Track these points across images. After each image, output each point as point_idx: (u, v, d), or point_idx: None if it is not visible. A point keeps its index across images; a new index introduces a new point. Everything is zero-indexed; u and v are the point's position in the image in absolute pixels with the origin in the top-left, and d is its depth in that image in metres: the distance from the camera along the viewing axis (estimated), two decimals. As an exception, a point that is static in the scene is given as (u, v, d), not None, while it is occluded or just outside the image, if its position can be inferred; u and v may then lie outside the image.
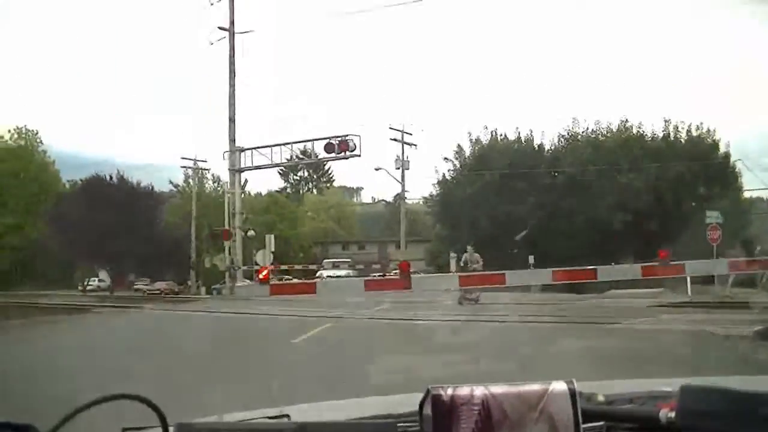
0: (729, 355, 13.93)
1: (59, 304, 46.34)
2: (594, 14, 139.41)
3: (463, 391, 1.72)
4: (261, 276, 9.73)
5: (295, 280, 15.11)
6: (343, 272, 62.52)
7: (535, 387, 1.76)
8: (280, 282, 13.09)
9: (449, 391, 1.71)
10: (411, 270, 9.42)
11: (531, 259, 55.33)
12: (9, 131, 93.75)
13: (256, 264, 59.31)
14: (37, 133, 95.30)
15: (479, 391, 1.73)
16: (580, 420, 1.73)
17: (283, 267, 69.57)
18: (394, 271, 74.62)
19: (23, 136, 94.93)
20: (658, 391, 2.30)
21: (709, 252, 39.51)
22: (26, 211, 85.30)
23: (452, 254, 68.41)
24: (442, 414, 1.69)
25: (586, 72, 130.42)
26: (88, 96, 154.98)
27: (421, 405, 1.78)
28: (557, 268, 11.74)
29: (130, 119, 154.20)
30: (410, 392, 2.44)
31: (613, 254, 52.89)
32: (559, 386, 1.76)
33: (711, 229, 40.97)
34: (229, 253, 52.52)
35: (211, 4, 53.07)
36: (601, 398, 2.08)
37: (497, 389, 1.74)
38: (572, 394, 1.74)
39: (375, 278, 11.59)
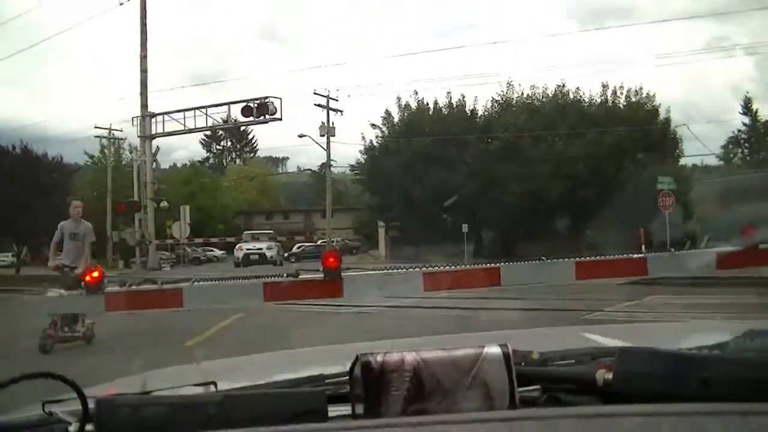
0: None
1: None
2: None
3: (394, 357, 1.67)
4: (87, 279, 6.67)
5: (151, 286, 11.38)
6: (263, 245, 59.74)
7: (468, 351, 1.69)
8: (122, 290, 9.65)
9: (379, 358, 1.66)
10: (341, 265, 6.82)
11: (464, 227, 53.08)
12: None
13: (172, 238, 56.48)
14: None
15: (410, 356, 1.67)
16: (516, 385, 1.67)
17: (199, 240, 66.96)
18: (321, 240, 73.62)
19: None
20: (596, 348, 2.32)
21: (657, 219, 37.47)
22: None
23: (380, 223, 66.41)
24: (373, 380, 1.64)
25: (522, 32, 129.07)
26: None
27: (351, 371, 1.74)
28: (582, 259, 8.70)
29: (45, 87, 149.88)
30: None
31: (548, 223, 50.79)
32: (493, 349, 1.70)
33: (663, 196, 38.63)
34: (140, 227, 49.66)
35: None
36: (536, 356, 2.05)
37: (428, 354, 1.68)
38: (506, 357, 1.69)
39: (281, 280, 8.86)
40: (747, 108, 69.47)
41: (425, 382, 1.63)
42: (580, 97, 60.66)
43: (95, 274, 7.65)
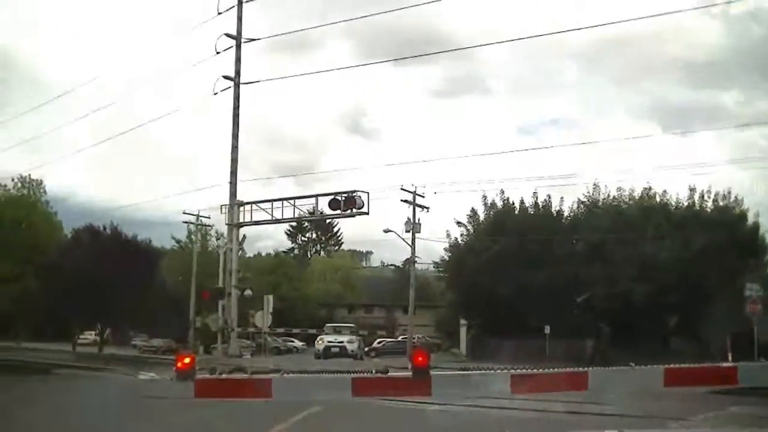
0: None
1: (25, 361, 43.73)
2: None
3: None
4: (178, 365, 6.69)
5: (241, 375, 11.36)
6: (345, 338, 59.59)
7: None
8: (212, 378, 9.63)
9: None
10: (430, 363, 6.86)
11: (546, 329, 52.73)
12: (12, 180, 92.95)
13: (254, 326, 56.71)
14: (41, 183, 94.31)
15: None
16: None
17: (280, 330, 67.16)
18: (402, 337, 73.46)
19: (26, 185, 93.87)
20: None
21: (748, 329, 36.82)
22: (27, 261, 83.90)
23: (462, 321, 66.10)
24: None
25: (609, 137, 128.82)
26: (95, 150, 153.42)
27: None
28: (671, 366, 8.66)
29: (139, 174, 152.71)
30: None
31: (633, 328, 50.07)
32: None
33: (751, 302, 38.07)
34: (223, 313, 49.93)
35: (217, 53, 50.65)
36: None
37: None
38: None
39: (369, 376, 8.77)
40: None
41: None
42: (667, 199, 60.29)
43: (187, 360, 7.79)
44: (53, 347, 60.74)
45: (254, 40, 51.16)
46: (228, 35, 50.57)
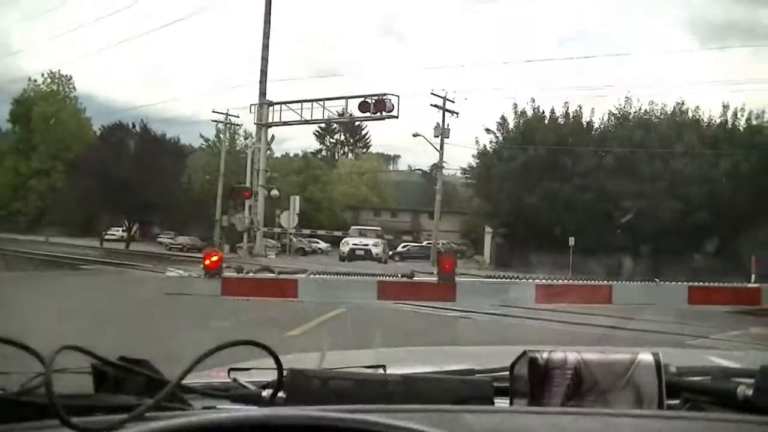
0: None
1: (51, 255, 44.08)
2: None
3: (558, 355, 1.80)
4: (206, 263, 6.78)
5: (267, 274, 11.25)
6: (370, 241, 59.63)
7: (624, 356, 1.82)
8: (239, 276, 9.63)
9: (545, 355, 1.79)
10: (456, 269, 6.86)
11: (571, 240, 52.72)
12: (42, 75, 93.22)
13: (280, 226, 56.98)
14: (70, 79, 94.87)
15: (572, 356, 1.80)
16: (664, 392, 1.80)
17: (306, 231, 67.43)
18: (427, 242, 73.68)
19: (56, 80, 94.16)
20: (733, 368, 2.41)
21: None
22: (54, 157, 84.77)
23: (488, 229, 66.17)
24: (538, 375, 1.77)
25: (643, 48, 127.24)
26: (122, 45, 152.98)
27: (513, 365, 1.89)
28: (696, 284, 8.69)
29: (166, 69, 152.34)
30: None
31: (657, 243, 50.02)
32: (646, 357, 1.82)
33: (780, 223, 37.79)
34: (249, 213, 50.20)
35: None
36: (673, 369, 2.11)
37: (589, 356, 1.82)
38: (658, 365, 1.81)
39: (395, 280, 8.73)
40: None
41: (584, 380, 1.78)
42: (699, 116, 59.82)
43: (214, 258, 7.85)
44: (81, 243, 61.18)
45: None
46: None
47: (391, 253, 66.71)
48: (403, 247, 74.53)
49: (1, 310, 15.87)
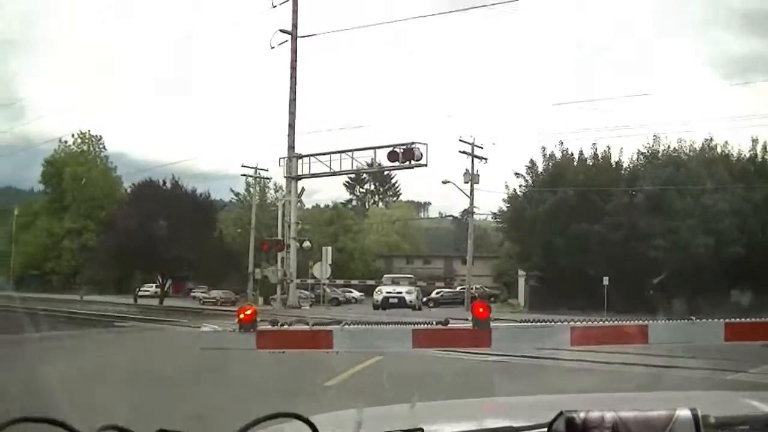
0: None
1: (86, 313, 44.22)
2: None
3: (595, 415, 1.78)
4: (241, 317, 6.86)
5: (302, 326, 11.27)
6: (403, 289, 59.56)
7: (661, 413, 1.80)
8: (274, 329, 9.68)
9: (582, 415, 1.78)
10: (490, 315, 6.89)
11: (605, 280, 52.53)
12: (72, 135, 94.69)
13: (313, 277, 57.09)
14: (100, 139, 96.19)
15: (609, 415, 1.77)
16: None
17: (339, 281, 67.52)
18: (460, 287, 73.59)
19: (86, 140, 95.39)
20: None
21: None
22: (86, 216, 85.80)
23: (520, 272, 66.07)
24: None
25: (669, 87, 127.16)
26: (153, 104, 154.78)
27: (550, 426, 1.86)
28: (732, 320, 8.69)
29: (196, 125, 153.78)
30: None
31: (692, 279, 49.76)
32: (684, 413, 1.80)
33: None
34: (282, 265, 50.36)
35: (274, 7, 50.81)
36: (712, 420, 2.00)
37: (627, 415, 1.78)
38: (696, 421, 1.79)
39: (429, 328, 8.76)
40: None
41: None
42: (728, 151, 59.86)
43: (248, 312, 7.93)
44: (115, 300, 61.47)
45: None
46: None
47: (425, 299, 66.64)
48: (437, 293, 74.42)
49: (36, 377, 15.93)
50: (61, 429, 1.80)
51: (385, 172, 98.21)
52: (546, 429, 1.91)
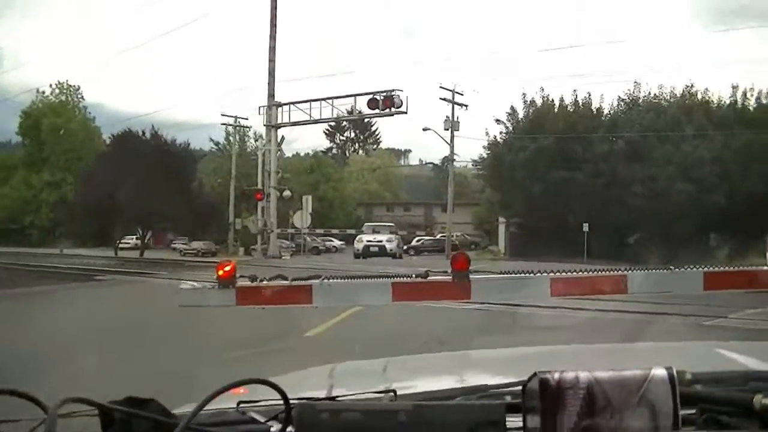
0: None
1: (66, 267, 43.96)
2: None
3: (569, 375, 1.78)
4: (220, 273, 6.82)
5: (281, 281, 11.23)
6: (384, 237, 59.56)
7: (636, 372, 1.80)
8: (253, 285, 9.62)
9: (556, 375, 1.77)
10: (470, 266, 6.89)
11: (585, 227, 52.72)
12: (50, 86, 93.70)
13: (293, 226, 57.03)
14: (78, 89, 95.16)
15: (584, 375, 1.78)
16: (679, 407, 1.76)
17: (320, 230, 67.56)
18: (440, 235, 73.67)
19: (64, 91, 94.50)
20: (749, 371, 2.42)
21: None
22: (65, 168, 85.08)
23: (501, 219, 66.19)
24: (550, 396, 1.76)
25: (649, 32, 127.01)
26: (129, 53, 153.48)
27: (524, 386, 1.86)
28: (711, 269, 8.62)
29: (173, 74, 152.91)
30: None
31: (672, 226, 49.96)
32: (659, 372, 1.79)
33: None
34: (262, 215, 50.31)
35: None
36: (689, 376, 2.11)
37: (601, 374, 1.79)
38: (671, 380, 1.78)
39: (409, 281, 8.72)
40: None
41: (597, 400, 1.76)
42: (709, 98, 59.82)
43: (227, 268, 7.86)
44: (96, 253, 61.24)
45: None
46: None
47: (405, 247, 66.73)
48: (417, 241, 74.54)
49: (11, 334, 15.88)
50: (25, 401, 1.76)
51: (365, 120, 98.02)
52: (520, 388, 1.91)
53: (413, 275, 8.12)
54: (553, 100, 63.01)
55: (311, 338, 14.72)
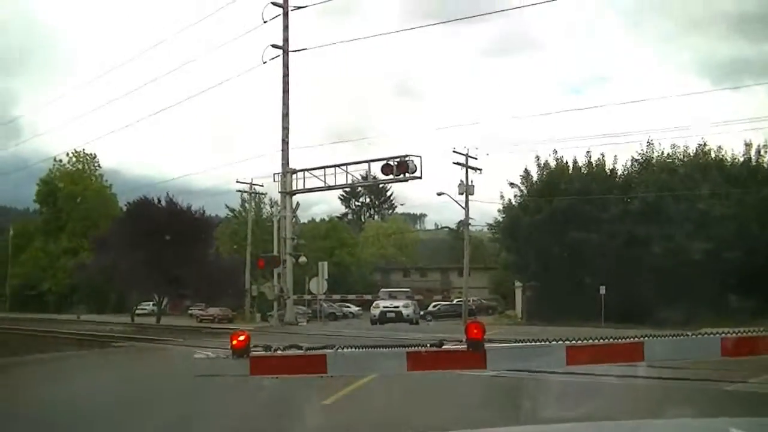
0: None
1: (82, 334, 43.80)
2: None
3: None
4: (234, 343, 6.77)
5: (296, 351, 11.01)
6: (400, 303, 59.27)
7: None
8: (267, 354, 9.50)
9: None
10: (485, 336, 6.79)
11: (602, 289, 52.39)
12: (68, 155, 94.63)
13: (309, 293, 56.95)
14: (95, 157, 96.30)
15: None
16: None
17: (336, 296, 67.47)
18: (457, 299, 73.44)
19: (81, 159, 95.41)
20: None
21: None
22: (82, 234, 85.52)
23: (517, 283, 65.98)
24: None
25: (663, 93, 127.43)
26: (147, 122, 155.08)
27: None
28: (728, 335, 8.46)
29: (191, 144, 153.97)
30: None
31: (691, 285, 49.61)
32: None
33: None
34: (278, 281, 50.20)
35: (264, 22, 50.79)
36: None
37: None
38: None
39: (424, 350, 8.58)
40: None
41: None
42: (722, 156, 59.73)
43: (242, 338, 7.83)
44: (113, 319, 61.18)
45: (301, 7, 51.17)
46: (274, 3, 50.71)
47: (422, 312, 66.52)
48: (434, 306, 74.38)
49: (18, 402, 15.83)
50: None
51: (380, 186, 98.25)
52: None
53: (428, 344, 8.07)
54: (566, 162, 63.14)
55: (329, 406, 14.56)
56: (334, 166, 50.92)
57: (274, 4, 50.54)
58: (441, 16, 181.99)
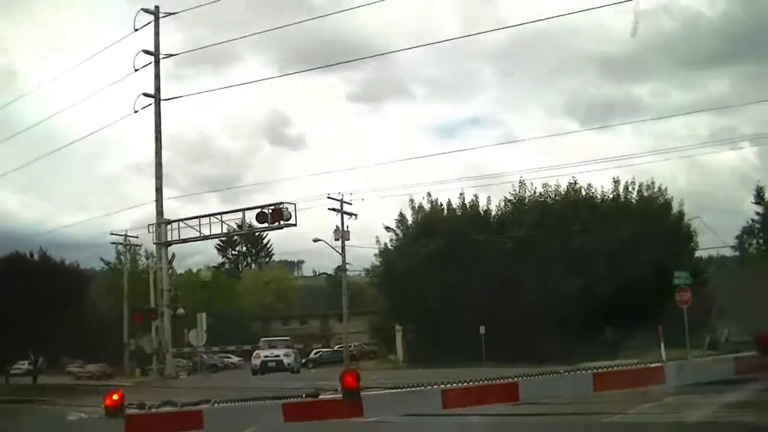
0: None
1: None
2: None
3: None
4: (107, 402, 6.55)
5: (171, 408, 10.76)
6: (281, 352, 58.88)
7: None
8: (142, 413, 9.22)
9: None
10: (361, 383, 6.77)
11: (482, 329, 52.82)
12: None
13: (189, 345, 56.25)
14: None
15: None
16: None
17: (216, 348, 66.68)
18: (338, 346, 73.33)
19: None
20: None
21: (678, 316, 36.91)
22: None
23: (398, 327, 66.12)
24: None
25: (533, 134, 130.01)
26: (17, 174, 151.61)
27: None
28: (600, 370, 8.52)
29: (62, 194, 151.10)
30: None
31: (567, 321, 50.34)
32: None
33: (680, 292, 38.29)
34: (156, 334, 49.58)
35: (136, 70, 50.40)
36: None
37: None
38: None
39: (299, 401, 8.48)
40: (760, 197, 69.22)
41: None
42: (593, 193, 61.04)
43: (115, 396, 7.67)
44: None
45: (172, 55, 51.20)
46: (146, 51, 50.38)
47: (304, 360, 66.24)
48: (316, 353, 74.20)
49: None
50: None
51: (257, 234, 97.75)
52: None
53: (303, 395, 8.04)
54: (441, 204, 63.75)
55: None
56: (209, 215, 50.79)
57: (145, 52, 50.22)
58: (315, 63, 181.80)
